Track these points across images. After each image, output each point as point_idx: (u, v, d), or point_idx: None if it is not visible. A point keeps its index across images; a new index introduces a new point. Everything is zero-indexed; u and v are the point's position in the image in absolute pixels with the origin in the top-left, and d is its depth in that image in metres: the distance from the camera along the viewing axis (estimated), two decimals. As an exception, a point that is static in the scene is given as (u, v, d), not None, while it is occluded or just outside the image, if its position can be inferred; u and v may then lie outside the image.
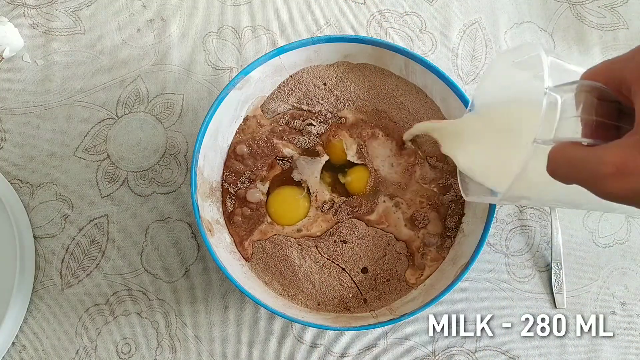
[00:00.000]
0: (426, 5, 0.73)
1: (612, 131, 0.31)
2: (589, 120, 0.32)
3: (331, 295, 0.58)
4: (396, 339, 0.61)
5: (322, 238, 0.59)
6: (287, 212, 0.59)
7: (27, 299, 0.60)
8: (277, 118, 0.62)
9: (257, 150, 0.60)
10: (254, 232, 0.59)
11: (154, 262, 0.62)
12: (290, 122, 0.61)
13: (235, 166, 0.60)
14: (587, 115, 0.32)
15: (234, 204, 0.60)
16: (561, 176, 0.33)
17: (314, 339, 0.61)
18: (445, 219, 0.59)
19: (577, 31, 0.73)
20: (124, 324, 0.60)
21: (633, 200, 0.29)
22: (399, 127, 0.61)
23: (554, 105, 0.32)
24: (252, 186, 0.59)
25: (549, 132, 0.32)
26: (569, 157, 0.32)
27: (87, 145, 0.65)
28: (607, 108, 0.32)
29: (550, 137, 0.32)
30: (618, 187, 0.29)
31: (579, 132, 0.32)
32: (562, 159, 0.32)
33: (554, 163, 0.33)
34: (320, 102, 0.62)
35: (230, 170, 0.60)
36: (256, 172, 0.60)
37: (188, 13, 0.71)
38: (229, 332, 0.61)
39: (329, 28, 0.71)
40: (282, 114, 0.62)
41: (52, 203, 0.63)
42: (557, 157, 0.33)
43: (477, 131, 0.50)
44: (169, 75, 0.68)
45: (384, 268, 0.58)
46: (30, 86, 0.67)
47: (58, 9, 0.70)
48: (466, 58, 0.71)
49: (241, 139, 0.61)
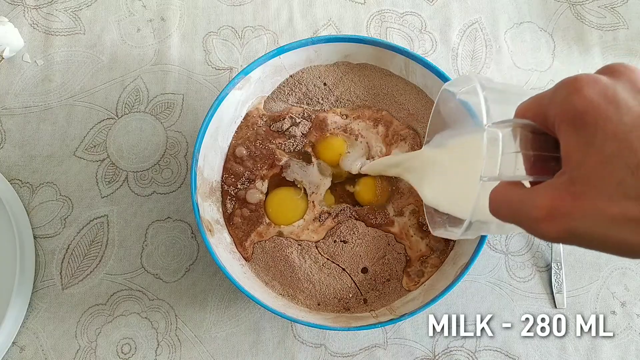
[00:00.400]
0: (426, 5, 0.73)
1: (553, 163, 0.32)
2: (527, 155, 0.32)
3: (331, 295, 0.58)
4: (396, 339, 0.61)
5: (323, 238, 0.59)
6: (284, 213, 0.59)
7: (27, 299, 0.60)
8: (252, 118, 0.61)
9: (256, 152, 0.60)
10: (253, 233, 0.59)
11: (154, 262, 0.62)
12: (271, 124, 0.61)
13: (235, 168, 0.60)
14: (524, 150, 0.32)
15: (233, 205, 0.60)
16: (502, 217, 0.33)
17: (314, 339, 0.61)
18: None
19: (577, 31, 0.73)
20: (124, 324, 0.60)
21: (568, 241, 0.29)
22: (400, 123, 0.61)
23: (495, 141, 0.33)
24: (252, 186, 0.59)
25: (494, 169, 0.33)
26: (507, 200, 0.33)
27: (87, 145, 0.65)
28: (544, 141, 0.32)
29: (496, 173, 0.33)
30: (551, 230, 0.29)
31: (520, 168, 0.32)
32: (502, 202, 0.33)
33: (494, 205, 0.34)
34: (320, 102, 0.62)
35: (229, 172, 0.60)
36: (256, 173, 0.60)
37: (188, 13, 0.71)
38: (229, 332, 0.61)
39: (329, 28, 0.71)
40: (260, 116, 0.62)
41: (52, 203, 0.63)
42: (497, 199, 0.33)
43: (437, 163, 0.51)
44: (169, 75, 0.68)
45: (384, 268, 0.58)
46: (30, 86, 0.67)
47: (58, 9, 0.70)
48: (466, 58, 0.71)
49: (239, 141, 0.61)
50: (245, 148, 0.60)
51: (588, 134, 0.28)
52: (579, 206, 0.28)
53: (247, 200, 0.59)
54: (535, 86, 0.70)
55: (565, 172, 0.29)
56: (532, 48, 0.72)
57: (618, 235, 0.27)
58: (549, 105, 0.31)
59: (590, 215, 0.28)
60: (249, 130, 0.61)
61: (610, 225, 0.27)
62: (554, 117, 0.30)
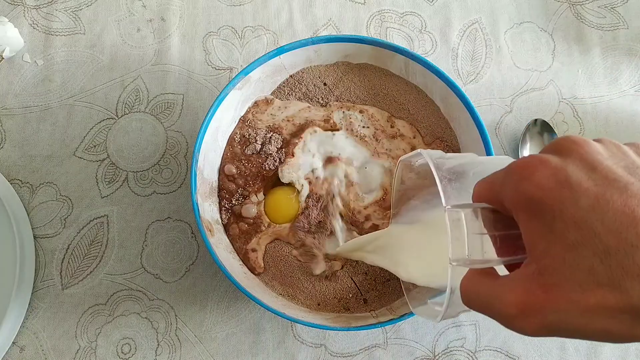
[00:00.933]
0: (426, 5, 0.73)
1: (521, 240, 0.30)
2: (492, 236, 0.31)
3: (331, 295, 0.57)
4: (396, 339, 0.61)
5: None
6: (280, 212, 0.59)
7: (27, 298, 0.60)
8: (230, 140, 0.60)
9: (245, 171, 0.59)
10: (251, 242, 0.58)
11: (154, 262, 0.62)
12: (244, 147, 0.60)
13: (228, 185, 0.59)
14: (489, 230, 0.31)
15: (229, 217, 0.59)
16: (475, 309, 0.32)
17: (314, 339, 0.61)
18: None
19: (577, 31, 0.73)
20: (124, 324, 0.60)
21: (549, 335, 0.28)
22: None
23: (458, 222, 0.31)
24: (247, 202, 0.58)
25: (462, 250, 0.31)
26: (477, 292, 0.31)
27: (87, 145, 0.65)
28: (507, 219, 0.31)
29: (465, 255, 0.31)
30: (527, 327, 0.28)
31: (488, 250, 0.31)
32: (472, 294, 0.31)
33: (465, 297, 0.32)
34: (320, 102, 0.62)
35: (222, 188, 0.59)
36: (248, 189, 0.59)
37: (188, 13, 0.71)
38: (229, 332, 0.61)
39: (329, 28, 0.71)
40: (233, 134, 0.60)
41: (52, 203, 0.63)
42: (467, 290, 0.32)
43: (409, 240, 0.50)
44: (169, 75, 0.68)
45: (384, 268, 0.58)
46: (30, 86, 0.67)
47: (58, 9, 0.70)
48: (466, 58, 0.71)
49: (227, 159, 0.60)
50: (234, 167, 0.59)
51: (547, 221, 0.27)
52: (552, 299, 0.26)
53: (244, 215, 0.58)
54: (535, 86, 0.70)
55: (532, 262, 0.28)
56: (532, 48, 0.72)
57: (598, 325, 0.26)
58: (502, 191, 0.30)
59: (565, 309, 0.26)
60: (232, 148, 0.60)
61: (588, 316, 0.26)
62: (509, 203, 0.29)
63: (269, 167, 0.59)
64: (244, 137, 0.60)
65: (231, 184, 0.59)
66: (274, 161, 0.59)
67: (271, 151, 0.59)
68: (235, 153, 0.60)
